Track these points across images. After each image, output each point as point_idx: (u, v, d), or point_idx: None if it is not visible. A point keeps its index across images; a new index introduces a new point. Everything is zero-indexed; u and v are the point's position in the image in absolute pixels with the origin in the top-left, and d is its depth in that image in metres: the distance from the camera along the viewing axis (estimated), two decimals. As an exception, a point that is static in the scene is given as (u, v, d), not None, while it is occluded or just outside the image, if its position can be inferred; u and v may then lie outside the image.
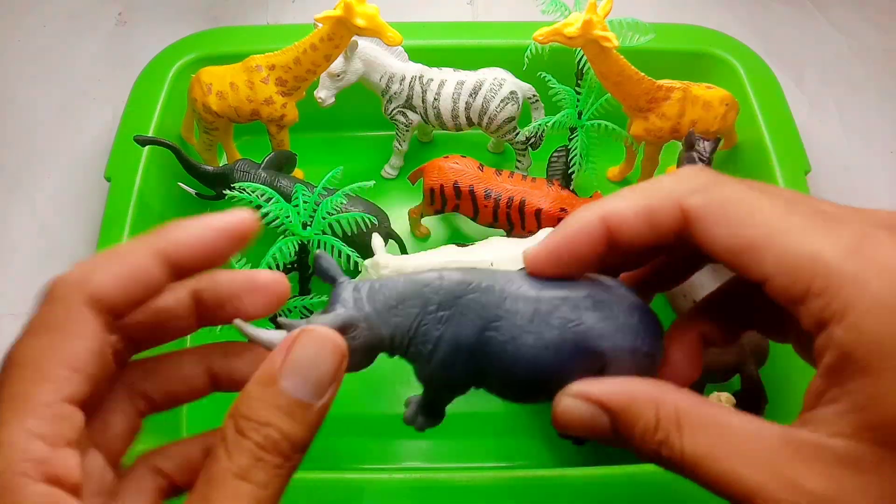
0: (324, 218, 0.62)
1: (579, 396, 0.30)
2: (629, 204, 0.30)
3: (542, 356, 0.31)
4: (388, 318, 0.31)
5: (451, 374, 0.32)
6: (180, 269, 0.29)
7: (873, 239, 0.27)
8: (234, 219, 0.29)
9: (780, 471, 0.26)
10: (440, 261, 0.65)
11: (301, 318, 0.63)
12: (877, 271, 0.26)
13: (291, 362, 0.26)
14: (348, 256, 0.62)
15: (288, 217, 0.62)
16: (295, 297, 0.66)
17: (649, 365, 0.32)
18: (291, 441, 0.26)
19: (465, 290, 0.32)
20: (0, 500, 0.24)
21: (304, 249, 0.64)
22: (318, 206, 0.63)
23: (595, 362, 0.31)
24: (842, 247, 0.26)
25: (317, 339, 0.27)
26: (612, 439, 0.29)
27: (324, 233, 0.63)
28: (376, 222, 0.66)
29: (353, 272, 0.66)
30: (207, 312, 0.31)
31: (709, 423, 0.28)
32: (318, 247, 0.62)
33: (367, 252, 0.65)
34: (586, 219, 0.31)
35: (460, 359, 0.32)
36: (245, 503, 0.25)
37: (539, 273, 0.32)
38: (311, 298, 0.66)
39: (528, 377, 0.32)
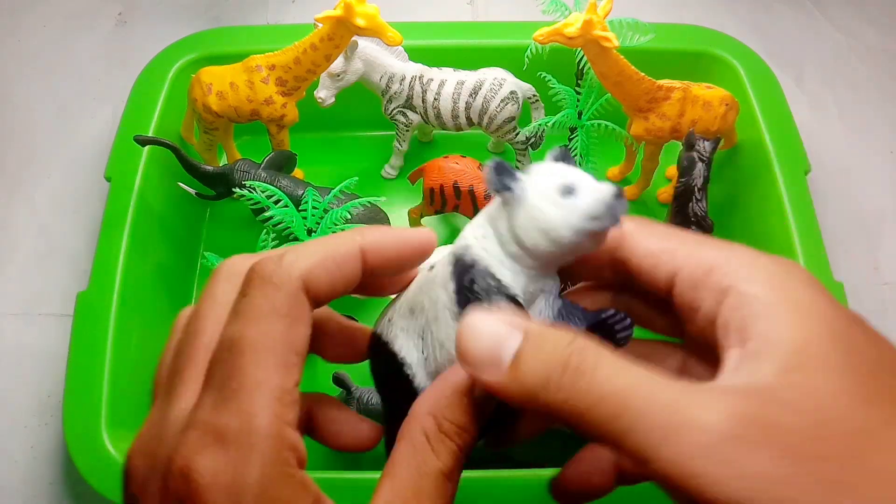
0: (329, 227, 0.62)
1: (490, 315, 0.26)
2: None
3: None
4: None
5: None
6: (370, 272, 0.31)
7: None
8: (425, 238, 0.33)
9: (726, 457, 0.22)
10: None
11: None
12: (769, 256, 0.27)
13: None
14: None
15: (293, 221, 0.62)
16: None
17: None
18: (472, 444, 0.29)
19: None
20: (279, 488, 0.25)
21: None
22: (326, 213, 0.63)
23: None
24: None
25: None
26: (506, 387, 0.25)
27: None
28: None
29: None
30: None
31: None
32: None
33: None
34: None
35: None
36: (448, 501, 0.27)
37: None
38: None
39: None
